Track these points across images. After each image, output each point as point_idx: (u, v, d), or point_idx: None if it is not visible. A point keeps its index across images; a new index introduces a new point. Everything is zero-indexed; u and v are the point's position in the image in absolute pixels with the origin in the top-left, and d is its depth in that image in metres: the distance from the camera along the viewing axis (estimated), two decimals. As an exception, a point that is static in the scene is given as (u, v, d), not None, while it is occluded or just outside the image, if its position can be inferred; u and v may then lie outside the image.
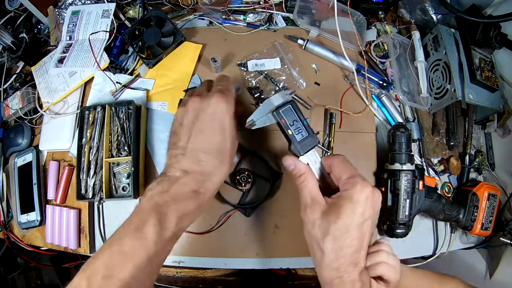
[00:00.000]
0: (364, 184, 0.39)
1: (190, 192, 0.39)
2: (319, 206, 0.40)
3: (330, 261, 0.38)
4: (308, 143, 0.43)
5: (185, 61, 0.69)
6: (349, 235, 0.38)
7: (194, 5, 0.74)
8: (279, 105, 0.44)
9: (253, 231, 0.62)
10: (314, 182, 0.42)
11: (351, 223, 0.37)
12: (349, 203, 0.38)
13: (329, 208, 0.39)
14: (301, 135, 0.44)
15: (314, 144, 0.44)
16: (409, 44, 0.73)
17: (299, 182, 0.43)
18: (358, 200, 0.38)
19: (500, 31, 0.66)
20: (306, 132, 0.44)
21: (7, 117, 0.73)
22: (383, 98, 0.69)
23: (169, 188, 0.39)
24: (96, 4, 0.73)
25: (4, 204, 0.69)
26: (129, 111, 0.64)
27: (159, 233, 0.36)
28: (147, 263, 0.36)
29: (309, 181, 0.42)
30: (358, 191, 0.38)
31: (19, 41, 0.73)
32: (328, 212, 0.39)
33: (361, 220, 0.38)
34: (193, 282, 0.83)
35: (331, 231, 0.38)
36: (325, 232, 0.38)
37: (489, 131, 0.74)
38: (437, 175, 0.68)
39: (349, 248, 0.38)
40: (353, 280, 0.37)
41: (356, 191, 0.38)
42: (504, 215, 0.67)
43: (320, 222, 0.39)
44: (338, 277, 0.38)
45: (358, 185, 0.38)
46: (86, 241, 0.63)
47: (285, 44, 0.71)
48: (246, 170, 0.62)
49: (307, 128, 0.44)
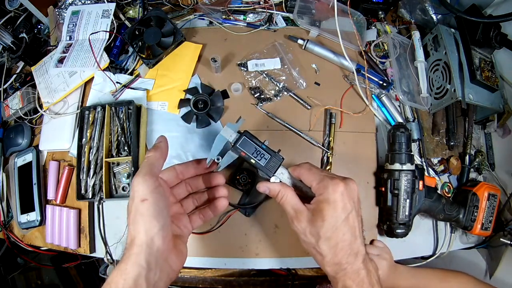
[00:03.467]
0: (334, 183, 0.41)
1: None
2: (303, 216, 0.42)
3: (330, 259, 0.40)
4: (273, 164, 0.46)
5: (185, 61, 0.69)
6: (339, 231, 0.40)
7: (194, 5, 0.74)
8: (234, 140, 0.46)
9: (253, 231, 0.62)
10: (291, 194, 0.44)
11: (336, 221, 0.40)
12: (328, 205, 0.40)
13: (312, 215, 0.41)
14: (264, 159, 0.46)
15: (280, 163, 0.46)
16: (409, 44, 0.73)
17: (279, 199, 0.44)
18: (335, 199, 0.40)
19: (500, 31, 0.66)
20: (268, 155, 0.46)
21: (7, 117, 0.73)
22: (383, 98, 0.69)
23: None
24: (96, 4, 0.73)
25: (4, 204, 0.69)
26: (129, 111, 0.64)
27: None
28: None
29: (287, 195, 0.44)
30: (331, 192, 0.40)
31: (19, 41, 0.73)
32: (313, 219, 0.41)
33: (345, 215, 0.40)
34: (193, 282, 0.83)
35: (321, 234, 0.40)
36: (317, 237, 0.40)
37: (489, 131, 0.74)
38: (437, 175, 0.68)
39: (344, 242, 0.40)
40: (356, 269, 0.40)
41: (329, 193, 0.40)
42: (504, 215, 0.67)
43: (309, 229, 0.41)
44: (342, 269, 0.40)
45: (329, 187, 0.40)
46: (86, 241, 0.63)
47: (285, 44, 0.71)
48: (246, 170, 0.62)
49: (268, 151, 0.46)
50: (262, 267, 0.62)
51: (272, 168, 0.45)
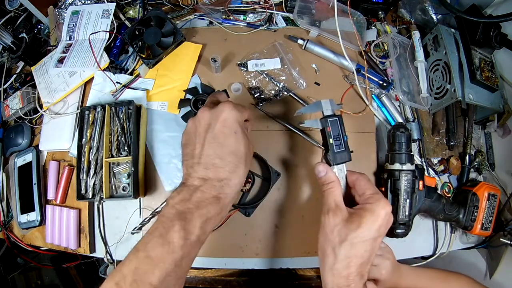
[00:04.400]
0: (387, 203, 0.42)
1: (211, 198, 0.40)
2: (342, 212, 0.42)
3: (341, 267, 0.40)
4: (343, 156, 0.48)
5: (185, 61, 0.69)
6: (364, 245, 0.40)
7: (194, 5, 0.74)
8: (328, 115, 0.49)
9: (253, 231, 0.62)
10: (340, 190, 0.45)
11: (368, 234, 0.40)
12: (371, 216, 0.40)
13: (350, 216, 0.42)
14: (339, 148, 0.48)
15: (347, 160, 0.48)
16: (409, 44, 0.73)
17: (327, 188, 0.45)
18: (380, 214, 0.40)
19: (500, 31, 0.66)
20: (343, 147, 0.48)
21: (7, 117, 0.73)
22: (383, 98, 0.69)
23: (190, 197, 0.40)
24: (96, 4, 0.73)
25: (4, 204, 0.69)
26: (129, 111, 0.64)
27: (184, 238, 0.37)
28: (174, 268, 0.37)
29: (336, 188, 0.45)
30: (381, 206, 0.41)
31: (19, 41, 0.73)
32: (349, 220, 0.41)
33: (376, 235, 0.40)
34: (193, 282, 0.83)
35: (349, 238, 0.40)
36: (343, 238, 0.40)
37: (489, 131, 0.74)
38: (437, 175, 0.68)
39: (360, 258, 0.40)
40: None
41: (379, 206, 0.41)
42: (504, 215, 0.67)
43: (340, 228, 0.41)
44: (346, 285, 0.40)
45: (381, 201, 0.41)
46: (86, 241, 0.63)
47: (285, 44, 0.71)
48: (246, 170, 0.62)
49: (345, 144, 0.48)
50: (262, 267, 0.62)
51: (339, 159, 0.47)
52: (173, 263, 0.36)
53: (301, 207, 0.63)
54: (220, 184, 0.41)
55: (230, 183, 0.42)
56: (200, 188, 0.40)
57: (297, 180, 0.64)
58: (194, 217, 0.39)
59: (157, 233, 0.38)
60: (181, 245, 0.37)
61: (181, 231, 0.37)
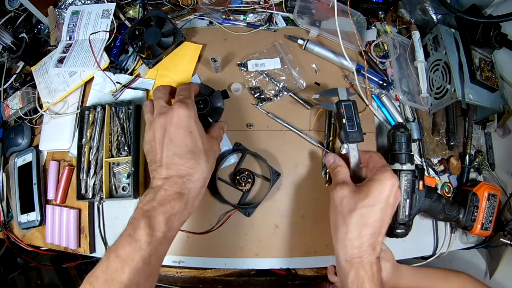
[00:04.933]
0: (393, 175, 0.45)
1: (174, 195, 0.43)
2: (349, 186, 0.46)
3: (353, 237, 0.42)
4: (355, 136, 0.52)
5: (185, 61, 0.69)
6: (373, 214, 0.42)
7: (194, 5, 0.73)
8: (344, 100, 0.55)
9: (253, 231, 0.62)
10: (346, 171, 0.50)
11: (376, 203, 0.42)
12: (378, 185, 0.43)
13: (358, 188, 0.45)
14: (352, 128, 0.52)
15: (359, 140, 0.52)
16: (409, 44, 0.73)
17: (335, 170, 0.50)
18: (386, 184, 0.43)
19: (500, 31, 0.66)
20: (356, 128, 0.52)
21: (7, 117, 0.72)
22: (383, 98, 0.69)
23: (154, 196, 0.42)
24: (96, 4, 0.73)
25: (4, 204, 0.69)
26: (129, 111, 0.64)
27: (149, 235, 0.39)
28: (143, 265, 0.38)
29: (343, 169, 0.49)
30: (388, 177, 0.44)
31: (19, 41, 0.73)
32: (356, 191, 0.44)
33: (385, 205, 0.43)
34: (193, 282, 0.83)
35: (358, 207, 0.42)
36: (352, 208, 0.43)
37: (489, 131, 0.74)
38: (437, 175, 0.68)
39: (371, 227, 0.42)
40: (371, 262, 0.42)
41: (386, 177, 0.44)
42: (504, 215, 0.67)
43: (348, 199, 0.44)
44: (359, 256, 0.42)
45: (388, 172, 0.44)
46: (86, 241, 0.63)
47: (285, 44, 0.71)
48: (246, 170, 0.62)
49: (358, 125, 0.53)
50: (262, 267, 0.62)
51: (352, 138, 0.52)
52: (141, 261, 0.38)
53: (301, 207, 0.63)
54: (182, 181, 0.43)
55: (192, 178, 0.44)
56: (163, 187, 0.43)
57: (297, 180, 0.64)
58: (157, 213, 0.41)
59: (126, 233, 0.40)
60: (147, 242, 0.39)
61: (147, 228, 0.39)
